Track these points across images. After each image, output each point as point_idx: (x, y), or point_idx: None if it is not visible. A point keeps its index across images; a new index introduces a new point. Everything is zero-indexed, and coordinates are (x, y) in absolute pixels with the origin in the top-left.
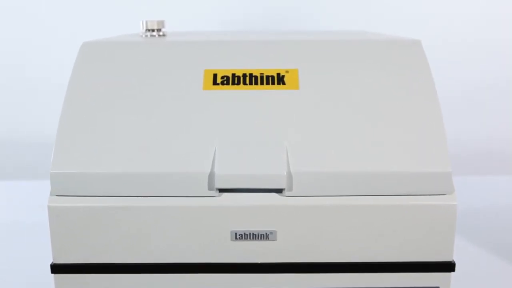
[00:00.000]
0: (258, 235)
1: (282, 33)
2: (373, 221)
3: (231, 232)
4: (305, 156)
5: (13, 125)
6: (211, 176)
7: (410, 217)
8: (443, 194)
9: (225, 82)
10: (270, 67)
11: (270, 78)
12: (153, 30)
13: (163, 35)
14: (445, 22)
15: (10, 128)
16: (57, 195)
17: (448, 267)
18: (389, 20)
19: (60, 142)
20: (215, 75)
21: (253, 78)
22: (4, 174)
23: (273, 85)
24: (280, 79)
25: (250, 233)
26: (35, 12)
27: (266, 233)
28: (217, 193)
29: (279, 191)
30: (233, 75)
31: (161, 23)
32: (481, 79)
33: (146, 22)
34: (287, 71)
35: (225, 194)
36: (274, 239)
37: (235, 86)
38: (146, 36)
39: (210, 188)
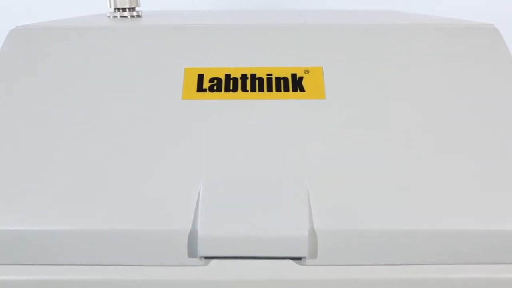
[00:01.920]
0: None
1: (293, 13)
2: None
3: None
4: (336, 206)
5: None
6: (192, 237)
7: None
8: None
9: (215, 87)
10: (281, 65)
11: (282, 81)
12: (124, 10)
13: (137, 15)
14: None
15: None
16: None
17: None
18: None
19: None
20: (200, 77)
21: (257, 81)
22: None
23: (286, 92)
24: (296, 83)
25: None
26: None
27: None
28: (201, 261)
29: (297, 258)
30: (227, 76)
31: (135, 0)
32: None
33: None
34: (306, 71)
35: (213, 263)
36: None
37: (230, 93)
38: (115, 17)
39: (192, 254)
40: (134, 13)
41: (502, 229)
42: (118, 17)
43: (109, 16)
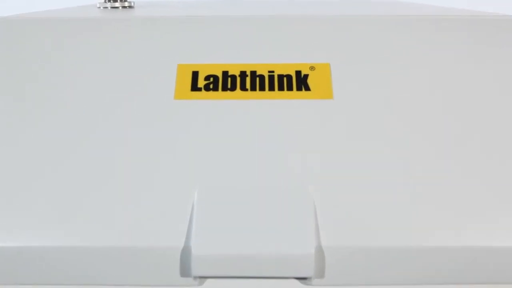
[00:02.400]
0: None
1: (297, 3)
2: None
3: None
4: (345, 221)
5: None
6: (185, 255)
7: None
8: None
9: (211, 86)
10: (284, 61)
11: (285, 79)
12: (115, 0)
13: (129, 6)
14: None
15: None
16: None
17: None
18: None
19: None
20: (195, 74)
21: (258, 79)
22: None
23: (290, 91)
24: (301, 81)
25: None
26: None
27: None
28: (195, 281)
29: (302, 278)
30: (225, 74)
31: None
32: None
33: None
34: (312, 68)
35: (208, 283)
36: None
37: (228, 92)
38: (106, 8)
39: (184, 273)
40: (126, 4)
41: None
42: (109, 8)
43: (99, 7)
